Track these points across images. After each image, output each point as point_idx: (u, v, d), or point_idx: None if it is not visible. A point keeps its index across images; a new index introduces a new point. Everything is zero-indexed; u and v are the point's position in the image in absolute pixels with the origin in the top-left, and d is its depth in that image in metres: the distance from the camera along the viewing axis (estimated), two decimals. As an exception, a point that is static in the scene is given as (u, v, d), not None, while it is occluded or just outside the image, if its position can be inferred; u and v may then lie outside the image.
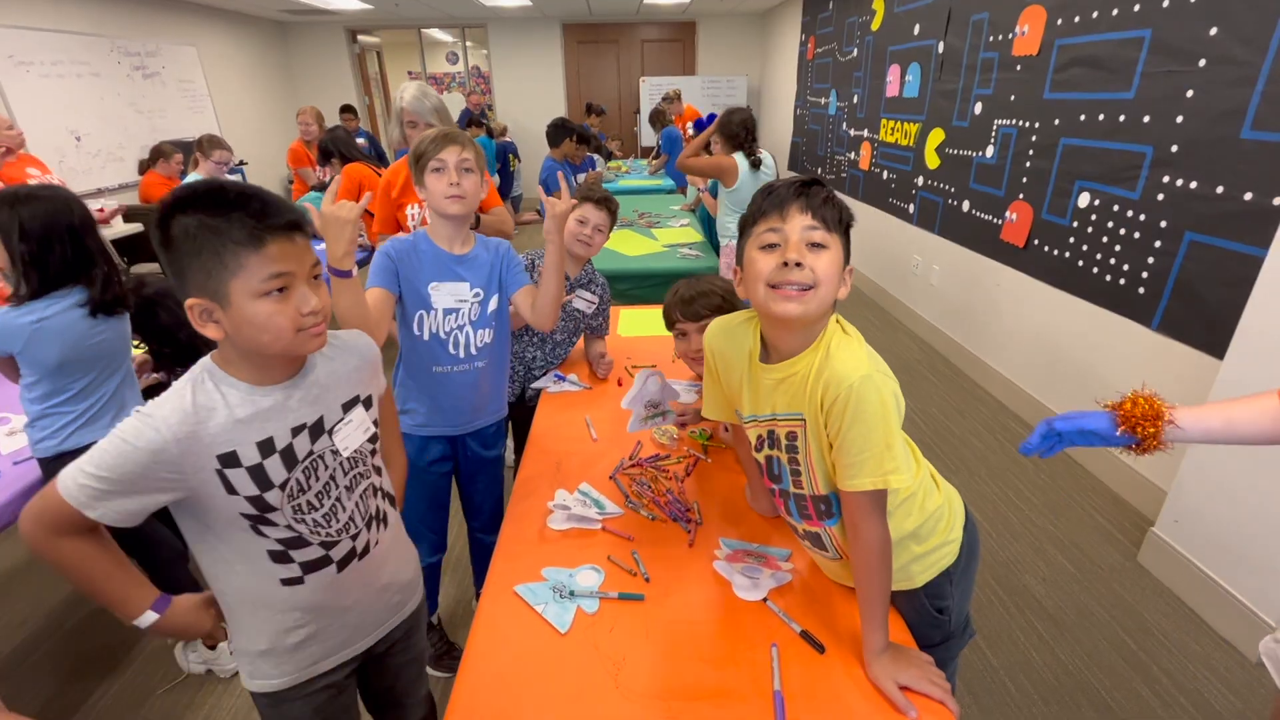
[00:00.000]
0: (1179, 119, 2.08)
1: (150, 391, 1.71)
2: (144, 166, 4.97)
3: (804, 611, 1.03)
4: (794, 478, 0.98)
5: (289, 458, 0.83)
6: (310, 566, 0.88)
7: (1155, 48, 2.18)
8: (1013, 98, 2.96)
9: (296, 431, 0.83)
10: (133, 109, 5.40)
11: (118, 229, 4.29)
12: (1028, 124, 2.86)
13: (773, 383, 0.95)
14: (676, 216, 4.31)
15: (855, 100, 5.00)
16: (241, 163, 4.14)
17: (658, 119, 5.75)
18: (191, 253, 0.73)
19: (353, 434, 0.91)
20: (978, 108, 3.27)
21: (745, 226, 0.92)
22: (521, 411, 1.91)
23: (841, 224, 0.88)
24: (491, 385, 1.53)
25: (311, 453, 0.85)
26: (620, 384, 1.87)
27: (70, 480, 0.74)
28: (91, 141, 4.96)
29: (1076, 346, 2.64)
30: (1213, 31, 1.96)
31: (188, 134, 5.84)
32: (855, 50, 4.95)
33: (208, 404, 0.77)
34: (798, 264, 0.83)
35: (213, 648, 1.71)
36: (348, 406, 0.91)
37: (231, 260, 0.73)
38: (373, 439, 0.95)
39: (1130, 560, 2.07)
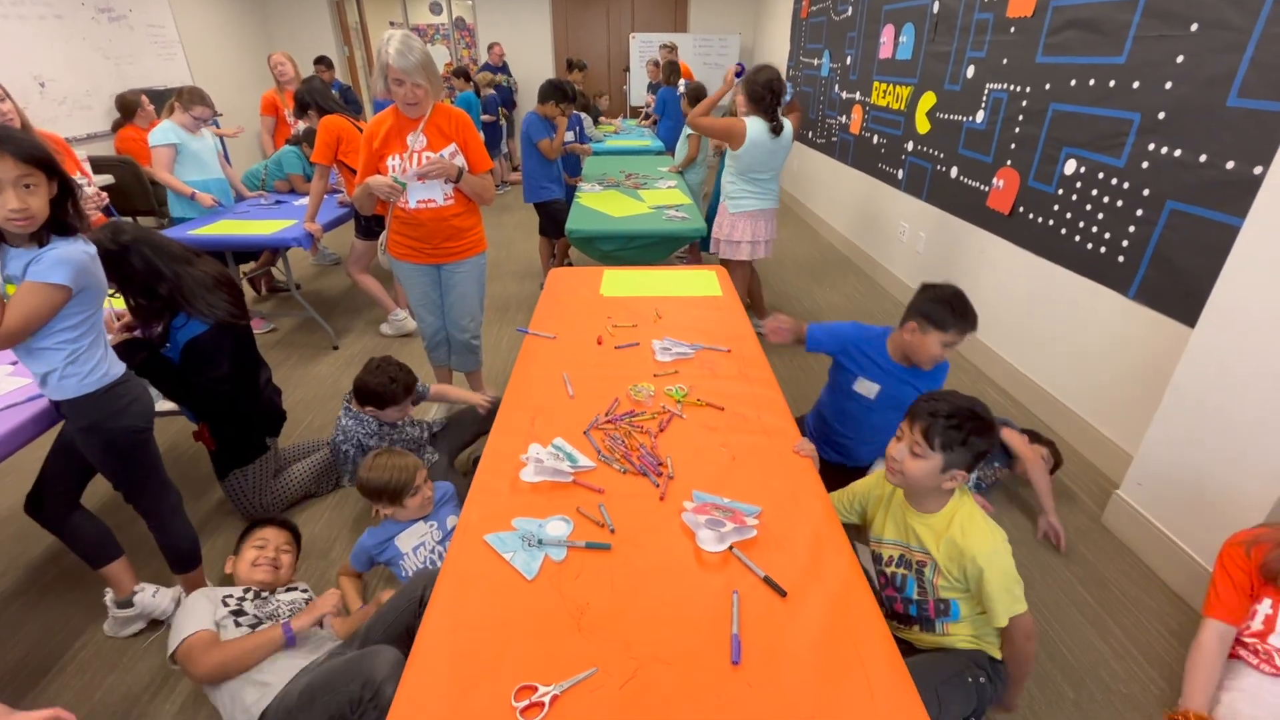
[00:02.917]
0: (1168, 85, 2.06)
1: (119, 349, 1.67)
2: (118, 124, 4.80)
3: (767, 562, 1.05)
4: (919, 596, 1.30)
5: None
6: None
7: (1149, 10, 2.14)
8: (1005, 61, 2.91)
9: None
10: (100, 54, 5.17)
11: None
12: (1019, 88, 2.82)
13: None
14: (664, 178, 4.25)
15: (848, 61, 4.90)
16: (218, 114, 3.98)
17: (673, 72, 5.45)
18: None
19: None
20: (970, 71, 3.21)
21: None
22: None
23: None
24: None
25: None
26: (600, 342, 1.87)
27: None
28: (57, 88, 4.75)
29: (1054, 314, 2.66)
30: (1207, -7, 1.93)
31: (158, 83, 5.63)
32: (850, 8, 4.83)
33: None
34: None
35: (127, 604, 1.67)
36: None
37: None
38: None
39: (1095, 522, 2.13)
